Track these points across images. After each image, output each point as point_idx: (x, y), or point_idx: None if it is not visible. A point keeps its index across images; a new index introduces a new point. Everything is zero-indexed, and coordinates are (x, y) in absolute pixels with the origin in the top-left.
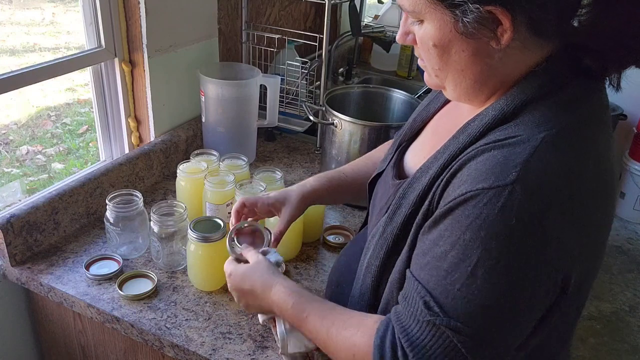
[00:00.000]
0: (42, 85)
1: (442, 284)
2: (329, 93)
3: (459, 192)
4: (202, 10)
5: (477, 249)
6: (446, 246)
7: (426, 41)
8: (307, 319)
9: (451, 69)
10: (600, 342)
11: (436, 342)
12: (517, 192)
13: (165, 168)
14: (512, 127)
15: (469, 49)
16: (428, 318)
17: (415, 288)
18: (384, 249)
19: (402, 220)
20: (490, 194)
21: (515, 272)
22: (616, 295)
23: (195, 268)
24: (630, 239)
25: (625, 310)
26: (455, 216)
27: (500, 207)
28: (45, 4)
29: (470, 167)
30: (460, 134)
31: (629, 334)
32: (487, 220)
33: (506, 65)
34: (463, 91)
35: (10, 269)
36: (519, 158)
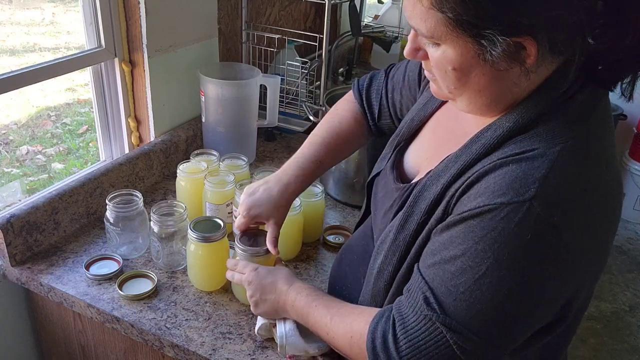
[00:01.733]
0: (42, 85)
1: (446, 285)
2: (329, 93)
3: (475, 203)
4: (202, 10)
5: (488, 260)
6: (457, 251)
7: (444, 64)
8: (316, 307)
9: (468, 89)
10: (600, 342)
11: (429, 336)
12: (535, 208)
13: (165, 168)
14: (527, 139)
15: (490, 73)
16: (426, 312)
17: (419, 283)
18: (396, 255)
19: (414, 227)
20: (509, 209)
21: (522, 286)
22: (616, 295)
23: (195, 268)
24: (630, 239)
25: (625, 310)
26: (470, 225)
27: (517, 223)
28: (45, 4)
29: (488, 180)
30: (474, 144)
31: (629, 334)
32: (502, 234)
33: (523, 84)
34: (477, 108)
35: (10, 269)
36: (537, 173)
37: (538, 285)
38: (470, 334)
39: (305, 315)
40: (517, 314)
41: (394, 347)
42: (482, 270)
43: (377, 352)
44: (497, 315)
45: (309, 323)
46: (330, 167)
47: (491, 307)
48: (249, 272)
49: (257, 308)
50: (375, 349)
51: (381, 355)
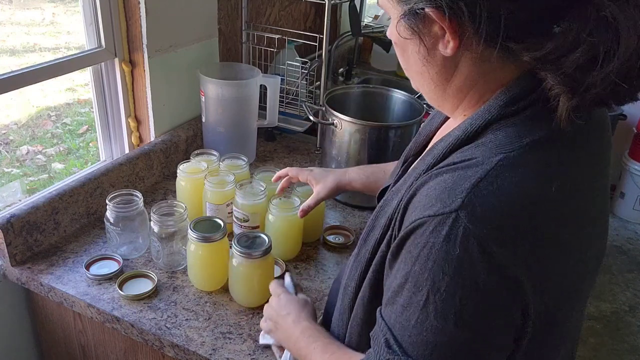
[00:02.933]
0: (42, 85)
1: (399, 321)
2: (329, 93)
3: (410, 220)
4: (202, 10)
5: (427, 282)
6: (401, 279)
7: (391, 39)
8: (314, 351)
9: (412, 70)
10: (600, 342)
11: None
12: (460, 219)
13: (166, 168)
14: (472, 148)
15: (420, 51)
16: (387, 357)
17: (380, 326)
18: (358, 271)
19: (373, 244)
20: (435, 222)
21: (467, 307)
22: (616, 295)
23: (196, 268)
24: (630, 239)
25: (625, 310)
26: (407, 246)
27: (444, 236)
28: (45, 4)
29: (422, 193)
30: (428, 155)
31: (629, 334)
32: (432, 250)
33: (463, 75)
34: (428, 96)
35: (11, 269)
36: (467, 183)
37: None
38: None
39: (304, 356)
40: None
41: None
42: (424, 297)
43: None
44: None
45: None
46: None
47: (444, 337)
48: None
49: (272, 334)
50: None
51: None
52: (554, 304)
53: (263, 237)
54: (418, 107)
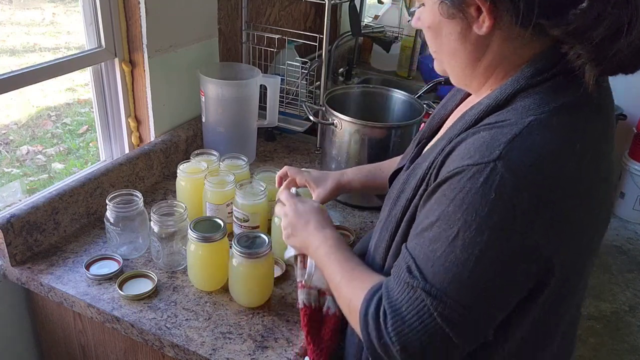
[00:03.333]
0: (42, 85)
1: (425, 252)
2: (329, 93)
3: (448, 169)
4: (202, 10)
5: (458, 221)
6: (433, 218)
7: (424, 24)
8: (332, 263)
9: (444, 52)
10: (600, 342)
11: (412, 304)
12: (498, 168)
13: (165, 168)
14: (503, 113)
15: (455, 32)
16: (407, 280)
17: (404, 255)
18: (388, 232)
19: (404, 204)
20: (474, 170)
21: (492, 246)
22: (616, 295)
23: (196, 268)
24: (630, 239)
25: (625, 310)
26: (443, 190)
27: (482, 182)
28: (45, 4)
29: (460, 148)
30: (459, 122)
31: (629, 334)
32: (469, 194)
33: (493, 53)
34: (457, 75)
35: (11, 269)
36: (503, 138)
37: (505, 245)
38: (451, 300)
39: (322, 265)
40: (491, 277)
41: (383, 318)
42: (454, 233)
43: (368, 321)
44: (473, 278)
45: (324, 273)
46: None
47: (466, 270)
48: (289, 205)
49: (289, 240)
50: (367, 317)
51: (371, 324)
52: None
53: (263, 237)
54: (418, 107)
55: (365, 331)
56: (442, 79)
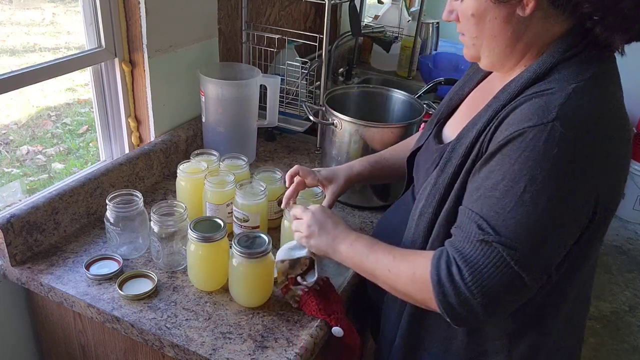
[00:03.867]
0: (42, 85)
1: (494, 209)
2: (329, 93)
3: (506, 133)
4: (202, 10)
5: (525, 177)
6: (497, 178)
7: (466, 12)
8: (377, 249)
9: (485, 35)
10: (600, 342)
11: (488, 257)
12: (557, 126)
13: (165, 168)
14: (545, 83)
15: (500, 15)
16: (481, 237)
17: (469, 216)
18: (436, 197)
19: (452, 170)
20: (535, 130)
21: (558, 194)
22: (616, 295)
23: (196, 268)
24: (630, 239)
25: (625, 310)
26: (505, 152)
27: (544, 140)
28: (45, 4)
29: (516, 114)
30: (501, 94)
31: (629, 334)
32: (533, 152)
33: (531, 32)
34: (496, 56)
35: (11, 269)
36: (556, 102)
37: (570, 193)
38: (525, 249)
39: (366, 254)
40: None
41: (459, 276)
42: (521, 188)
43: (443, 282)
44: (543, 226)
45: (367, 262)
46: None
47: (536, 220)
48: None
49: (310, 239)
50: (441, 280)
51: (447, 285)
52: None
53: (263, 237)
54: (418, 107)
55: (442, 294)
56: (442, 79)
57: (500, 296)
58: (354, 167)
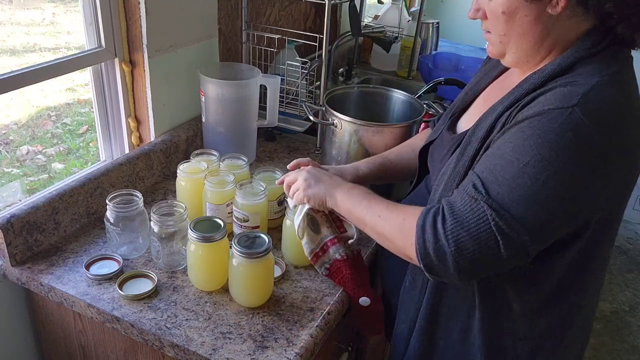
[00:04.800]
0: (42, 85)
1: (493, 174)
2: (329, 93)
3: (529, 113)
4: (202, 10)
5: (532, 151)
6: (507, 148)
7: (496, 9)
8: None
9: (514, 33)
10: (600, 342)
11: (473, 213)
12: (576, 112)
13: (166, 168)
14: (570, 76)
15: (531, 14)
16: (472, 194)
17: (470, 176)
18: (456, 181)
19: (472, 153)
20: (555, 113)
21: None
22: (616, 295)
23: (196, 268)
24: (630, 239)
25: (625, 310)
26: (520, 127)
27: (560, 123)
28: (45, 4)
29: (539, 100)
30: (523, 84)
31: (629, 334)
32: (547, 131)
33: (559, 30)
34: (523, 53)
35: (11, 269)
36: (580, 90)
37: (573, 178)
38: (509, 216)
39: (359, 201)
40: (552, 204)
41: (441, 224)
42: (525, 161)
43: (425, 228)
44: (535, 201)
45: (360, 207)
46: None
47: (530, 194)
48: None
49: (308, 189)
50: (424, 225)
51: (428, 230)
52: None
53: (263, 237)
54: (418, 107)
55: (422, 239)
56: (442, 79)
57: (472, 255)
58: (360, 169)
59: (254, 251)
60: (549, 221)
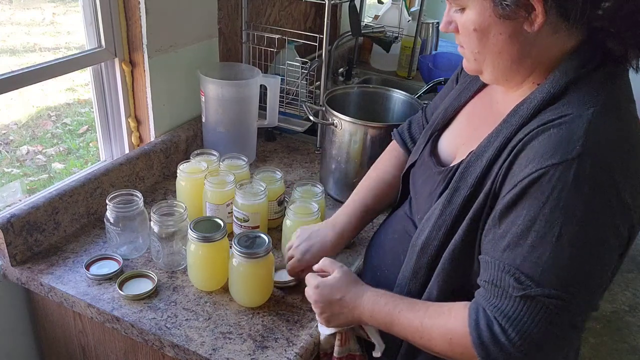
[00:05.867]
0: (42, 85)
1: (529, 259)
2: (329, 93)
3: (527, 171)
4: (202, 10)
5: (559, 219)
6: (526, 224)
7: (467, 26)
8: (400, 314)
9: (489, 51)
10: (600, 342)
11: (533, 312)
12: (584, 162)
13: (166, 168)
14: (560, 107)
15: (505, 32)
16: (522, 293)
17: (502, 269)
18: (442, 230)
19: (460, 202)
20: (561, 168)
21: (596, 234)
22: (616, 295)
23: (195, 268)
24: None
25: (625, 310)
26: (530, 194)
27: (573, 178)
28: (45, 4)
29: (533, 147)
30: (512, 118)
31: (629, 334)
32: (563, 192)
33: (539, 48)
34: (501, 72)
35: (11, 269)
36: (579, 132)
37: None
38: (567, 295)
39: (389, 323)
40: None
41: (504, 336)
42: (557, 232)
43: (486, 345)
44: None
45: (394, 330)
46: (378, 212)
47: (578, 264)
48: (313, 290)
49: (331, 323)
50: (484, 343)
51: (491, 347)
52: None
53: (263, 237)
54: (418, 107)
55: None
56: (442, 79)
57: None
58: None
59: (254, 251)
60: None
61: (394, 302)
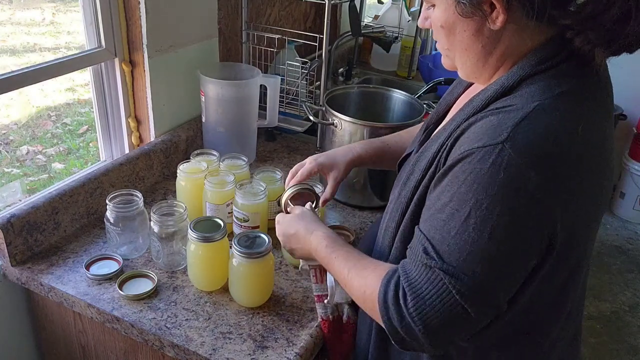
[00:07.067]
0: (42, 85)
1: (440, 232)
2: (329, 93)
3: (458, 152)
4: (202, 10)
5: (470, 201)
6: (446, 199)
7: (436, 23)
8: (335, 259)
9: (457, 48)
10: (600, 342)
11: (431, 284)
12: (506, 149)
13: (166, 168)
14: (510, 98)
15: (469, 29)
16: (425, 262)
17: (419, 237)
18: (398, 212)
19: (414, 185)
20: (483, 152)
21: (503, 223)
22: (616, 295)
23: (195, 268)
24: (630, 239)
25: (625, 310)
26: (454, 172)
27: (491, 163)
28: (45, 4)
29: (470, 131)
30: (467, 107)
31: (629, 334)
32: (479, 175)
33: (506, 44)
34: (469, 69)
35: (11, 269)
36: (510, 121)
37: (515, 221)
38: (466, 276)
39: (327, 265)
40: (504, 252)
41: (403, 301)
42: (466, 213)
43: (388, 305)
44: (486, 254)
45: (331, 272)
46: (395, 150)
47: (479, 247)
48: (276, 225)
49: (294, 253)
50: (387, 302)
51: (392, 308)
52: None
53: (263, 237)
54: (418, 107)
55: (387, 317)
56: (442, 79)
57: (443, 327)
58: (354, 150)
59: (254, 251)
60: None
61: (334, 247)
